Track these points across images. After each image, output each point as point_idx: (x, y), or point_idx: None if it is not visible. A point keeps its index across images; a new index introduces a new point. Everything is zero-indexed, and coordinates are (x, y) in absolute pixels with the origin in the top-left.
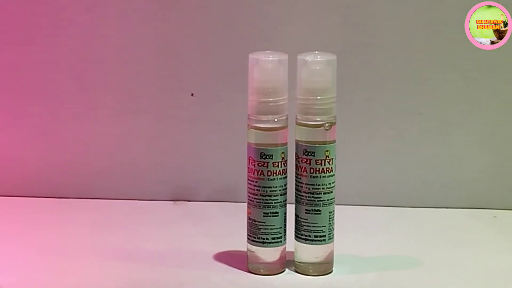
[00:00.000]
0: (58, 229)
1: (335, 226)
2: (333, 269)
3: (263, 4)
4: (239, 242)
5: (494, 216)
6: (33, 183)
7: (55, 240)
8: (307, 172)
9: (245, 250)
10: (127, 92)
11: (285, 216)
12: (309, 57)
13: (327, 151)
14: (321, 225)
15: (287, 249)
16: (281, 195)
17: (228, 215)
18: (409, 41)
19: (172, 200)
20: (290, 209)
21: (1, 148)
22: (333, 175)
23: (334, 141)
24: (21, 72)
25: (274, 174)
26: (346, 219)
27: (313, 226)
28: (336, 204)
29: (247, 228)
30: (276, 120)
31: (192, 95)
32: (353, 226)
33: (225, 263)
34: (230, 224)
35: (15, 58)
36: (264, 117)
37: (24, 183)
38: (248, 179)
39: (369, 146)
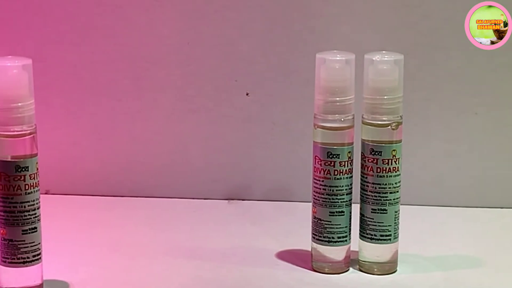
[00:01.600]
0: (119, 227)
1: None
2: (397, 268)
3: (319, 4)
4: (300, 241)
5: None
6: (91, 182)
7: (118, 238)
8: (373, 172)
9: (307, 248)
10: (183, 91)
11: (350, 215)
12: (376, 57)
13: (394, 150)
14: (387, 224)
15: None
16: (347, 194)
17: (284, 214)
18: (465, 41)
19: (227, 199)
20: (353, 208)
21: (59, 147)
22: (399, 174)
23: (400, 141)
24: (79, 72)
25: (341, 174)
26: (404, 219)
27: (379, 225)
28: None
29: (312, 227)
30: (342, 119)
31: (247, 94)
32: (413, 226)
33: (289, 261)
34: (288, 223)
35: (73, 58)
36: (330, 117)
37: (82, 181)
38: (314, 178)
39: (424, 146)
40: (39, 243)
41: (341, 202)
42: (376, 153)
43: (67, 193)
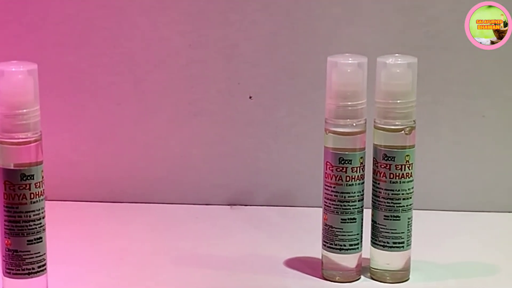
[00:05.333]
0: (122, 235)
1: None
2: (410, 276)
3: (325, 5)
4: (309, 248)
5: None
6: (90, 187)
7: (122, 246)
8: (386, 177)
9: (316, 256)
10: (185, 95)
11: (362, 222)
12: (389, 60)
13: (407, 155)
14: (400, 232)
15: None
16: (358, 200)
17: (288, 220)
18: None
19: (229, 205)
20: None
21: (59, 153)
22: (412, 180)
23: (414, 146)
24: (79, 75)
25: (353, 180)
26: (415, 224)
27: (391, 233)
28: None
29: (323, 234)
30: (354, 124)
31: (250, 98)
32: (424, 231)
33: (298, 269)
34: (294, 229)
35: (74, 61)
36: (342, 121)
37: (82, 187)
38: (325, 185)
39: (432, 149)
40: (44, 254)
41: (353, 208)
42: (389, 159)
43: (66, 199)
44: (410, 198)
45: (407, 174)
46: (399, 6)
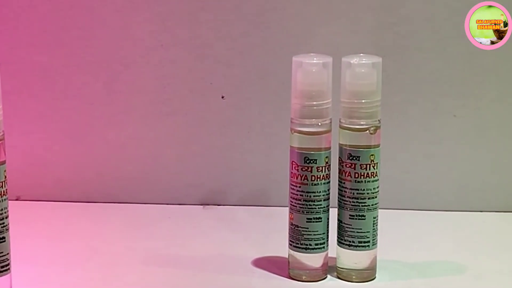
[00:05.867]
0: (92, 235)
1: None
2: (376, 275)
3: (297, 6)
4: (277, 247)
5: None
6: (63, 187)
7: (91, 246)
8: (351, 177)
9: (284, 255)
10: (157, 95)
11: (328, 222)
12: (354, 60)
13: (372, 155)
14: (366, 231)
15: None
16: (324, 200)
17: (260, 219)
18: (445, 43)
19: (202, 205)
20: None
21: (32, 153)
22: (378, 179)
23: (379, 145)
24: (52, 75)
25: (318, 179)
26: (384, 223)
27: (357, 232)
28: None
29: (289, 234)
30: (320, 124)
31: (222, 97)
32: (390, 231)
33: (265, 269)
34: (265, 229)
35: (46, 61)
36: (307, 121)
37: (54, 187)
38: (291, 184)
39: (403, 149)
40: (8, 253)
41: (318, 208)
42: (354, 158)
43: (38, 199)
44: (376, 197)
45: (372, 174)
46: (371, 6)
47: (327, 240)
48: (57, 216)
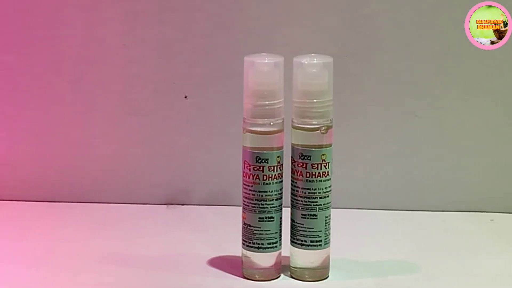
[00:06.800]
0: (53, 234)
1: (331, 230)
2: (329, 274)
3: (261, 7)
4: (234, 247)
5: (491, 220)
6: (27, 187)
7: (51, 246)
8: (303, 176)
9: (240, 255)
10: (121, 94)
11: (280, 221)
12: (305, 60)
13: (323, 154)
14: (317, 230)
15: (282, 254)
16: (276, 199)
17: (222, 219)
18: (407, 43)
19: (165, 204)
20: (285, 213)
21: None
22: (330, 179)
23: (330, 145)
24: (16, 75)
25: (270, 179)
26: (342, 223)
27: (309, 231)
28: (332, 208)
29: (242, 233)
30: (272, 123)
31: (185, 97)
32: (349, 230)
33: (220, 268)
34: (225, 229)
35: (9, 60)
36: (260, 121)
37: (18, 186)
38: (243, 183)
39: (366, 149)
40: None
41: (270, 207)
42: (306, 158)
43: (3, 198)
44: (328, 196)
45: (324, 173)
46: (335, 6)
47: (280, 240)
48: (19, 216)
